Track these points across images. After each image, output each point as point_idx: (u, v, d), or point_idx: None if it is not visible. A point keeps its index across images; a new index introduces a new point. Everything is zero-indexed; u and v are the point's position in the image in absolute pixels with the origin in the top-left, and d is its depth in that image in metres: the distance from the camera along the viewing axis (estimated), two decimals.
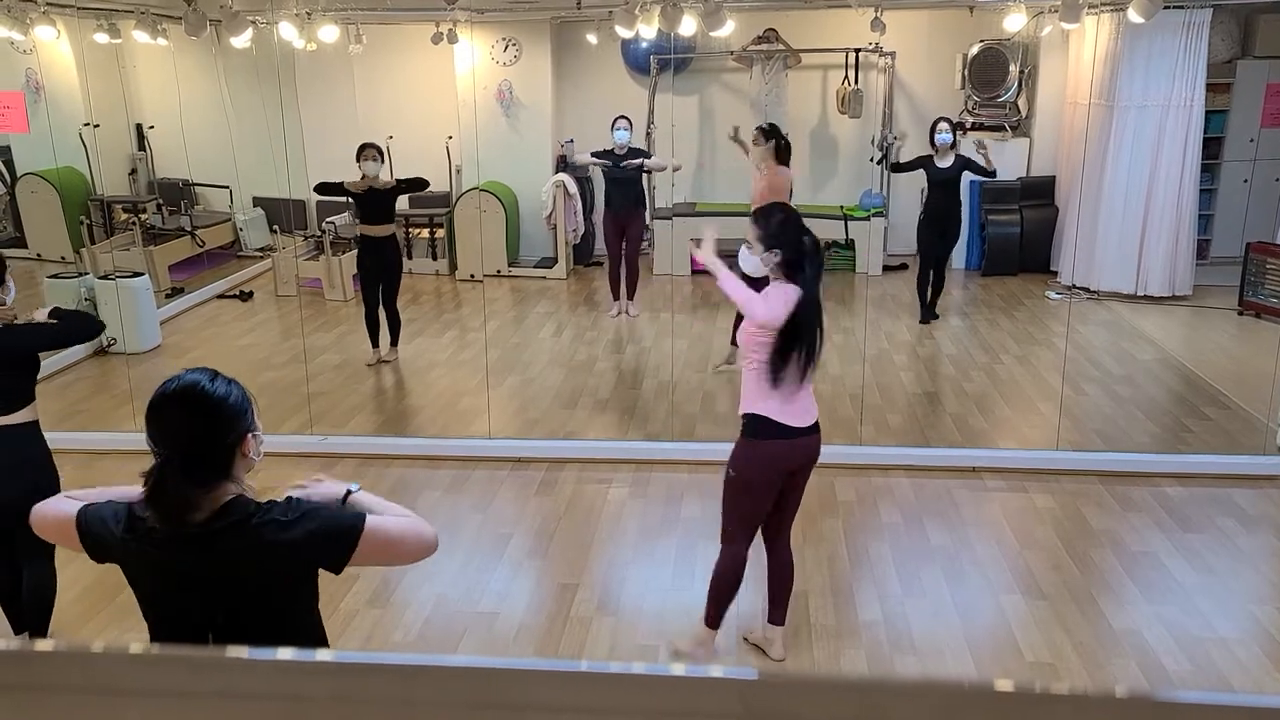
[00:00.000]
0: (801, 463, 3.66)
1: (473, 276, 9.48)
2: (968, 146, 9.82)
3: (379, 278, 7.26)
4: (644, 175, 8.56)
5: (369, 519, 2.02)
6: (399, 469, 5.61)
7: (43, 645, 0.51)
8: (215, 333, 8.36)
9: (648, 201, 9.00)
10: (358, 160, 6.96)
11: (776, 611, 3.89)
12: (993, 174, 8.03)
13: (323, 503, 2.06)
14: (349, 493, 2.11)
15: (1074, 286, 8.91)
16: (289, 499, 2.02)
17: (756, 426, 3.56)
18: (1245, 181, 9.41)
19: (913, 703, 0.46)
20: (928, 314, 8.23)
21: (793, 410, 3.55)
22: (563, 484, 5.42)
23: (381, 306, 7.30)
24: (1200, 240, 9.21)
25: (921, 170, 8.13)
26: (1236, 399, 6.52)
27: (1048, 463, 5.58)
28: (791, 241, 3.48)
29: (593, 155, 8.53)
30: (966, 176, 8.12)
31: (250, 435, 2.03)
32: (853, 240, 9.82)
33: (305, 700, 0.48)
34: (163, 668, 0.50)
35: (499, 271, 9.67)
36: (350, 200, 7.40)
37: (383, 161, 7.11)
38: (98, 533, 2.01)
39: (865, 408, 6.34)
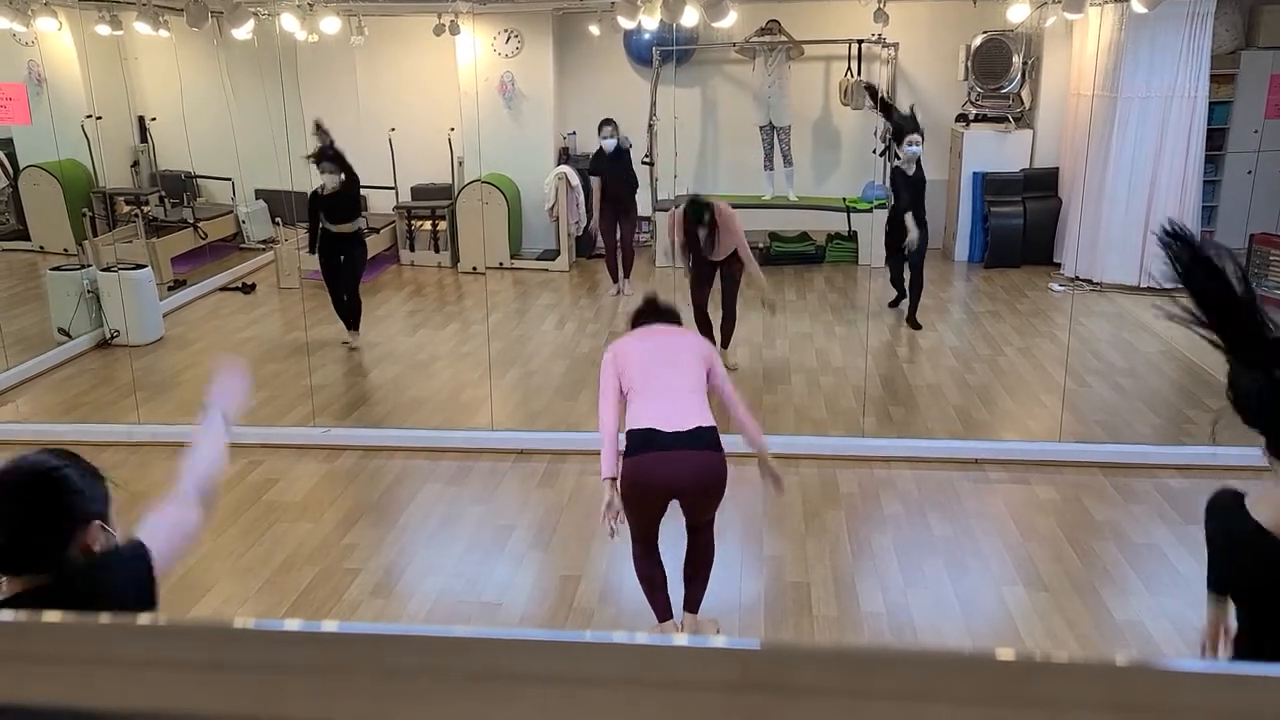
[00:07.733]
0: None
1: (475, 269, 9.48)
2: (970, 140, 9.83)
3: None
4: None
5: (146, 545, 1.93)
6: (401, 461, 5.62)
7: (49, 617, 0.51)
8: (217, 325, 8.37)
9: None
10: None
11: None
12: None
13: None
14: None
15: (1077, 278, 8.89)
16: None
17: None
18: (1249, 173, 9.38)
19: (915, 671, 0.46)
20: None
21: None
22: (565, 476, 5.42)
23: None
24: (1204, 232, 9.17)
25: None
26: None
27: (1050, 454, 5.58)
28: None
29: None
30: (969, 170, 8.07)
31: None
32: (855, 232, 9.82)
33: (302, 670, 0.49)
34: (160, 638, 0.50)
35: (501, 264, 9.67)
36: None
37: None
38: None
39: (868, 400, 6.34)
